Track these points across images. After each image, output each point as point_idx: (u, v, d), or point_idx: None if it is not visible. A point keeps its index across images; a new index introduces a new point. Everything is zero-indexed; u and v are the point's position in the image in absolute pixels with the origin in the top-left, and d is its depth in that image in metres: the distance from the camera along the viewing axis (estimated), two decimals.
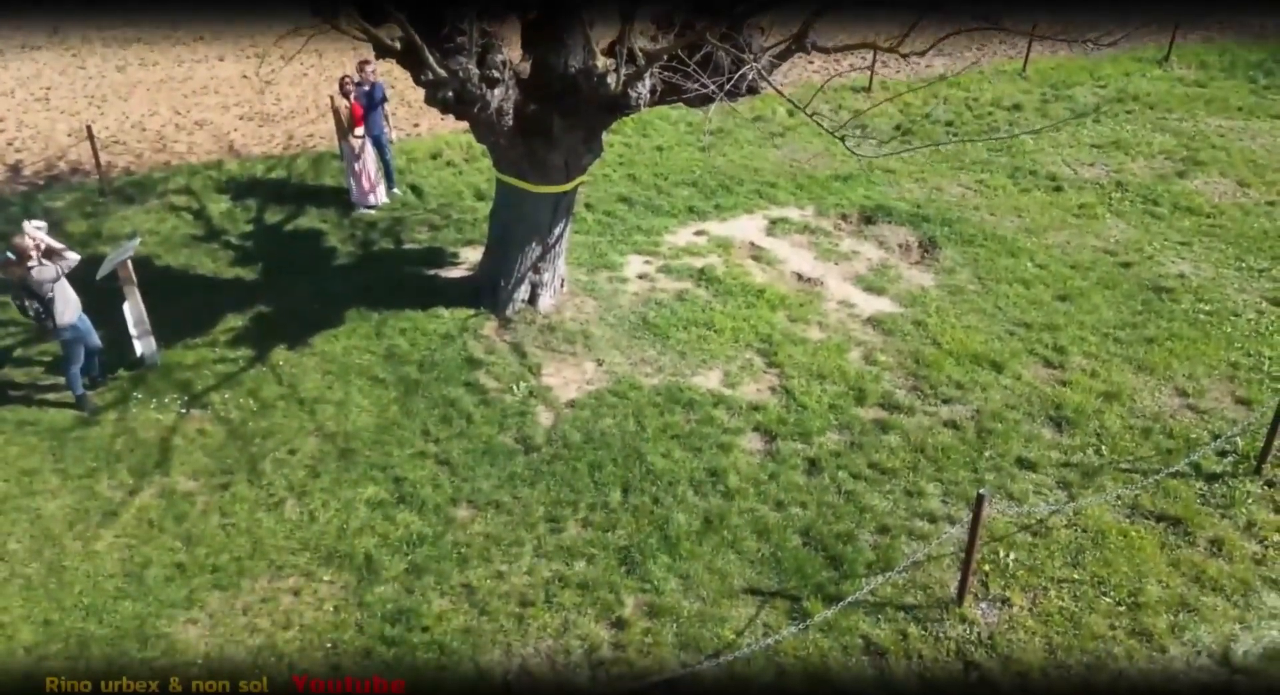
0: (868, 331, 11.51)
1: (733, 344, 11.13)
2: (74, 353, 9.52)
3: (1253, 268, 12.89)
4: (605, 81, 8.79)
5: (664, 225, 13.78)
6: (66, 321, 9.28)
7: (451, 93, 8.68)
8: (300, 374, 10.37)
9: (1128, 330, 11.51)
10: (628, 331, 11.26)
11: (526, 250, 10.92)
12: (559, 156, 10.13)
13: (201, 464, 9.21)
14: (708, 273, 12.48)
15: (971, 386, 10.53)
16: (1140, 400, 10.31)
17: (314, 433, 9.61)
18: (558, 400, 10.15)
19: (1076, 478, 9.24)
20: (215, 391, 10.09)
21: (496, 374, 10.46)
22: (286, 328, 11.04)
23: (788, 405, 10.19)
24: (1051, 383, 10.61)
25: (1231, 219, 14.23)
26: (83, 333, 9.53)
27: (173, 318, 10.90)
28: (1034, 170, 15.84)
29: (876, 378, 10.65)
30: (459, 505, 8.82)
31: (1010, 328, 11.58)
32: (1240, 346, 11.18)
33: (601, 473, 9.17)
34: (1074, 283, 12.50)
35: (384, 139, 13.67)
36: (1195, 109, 18.40)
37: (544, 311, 11.30)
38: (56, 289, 9.17)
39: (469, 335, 10.98)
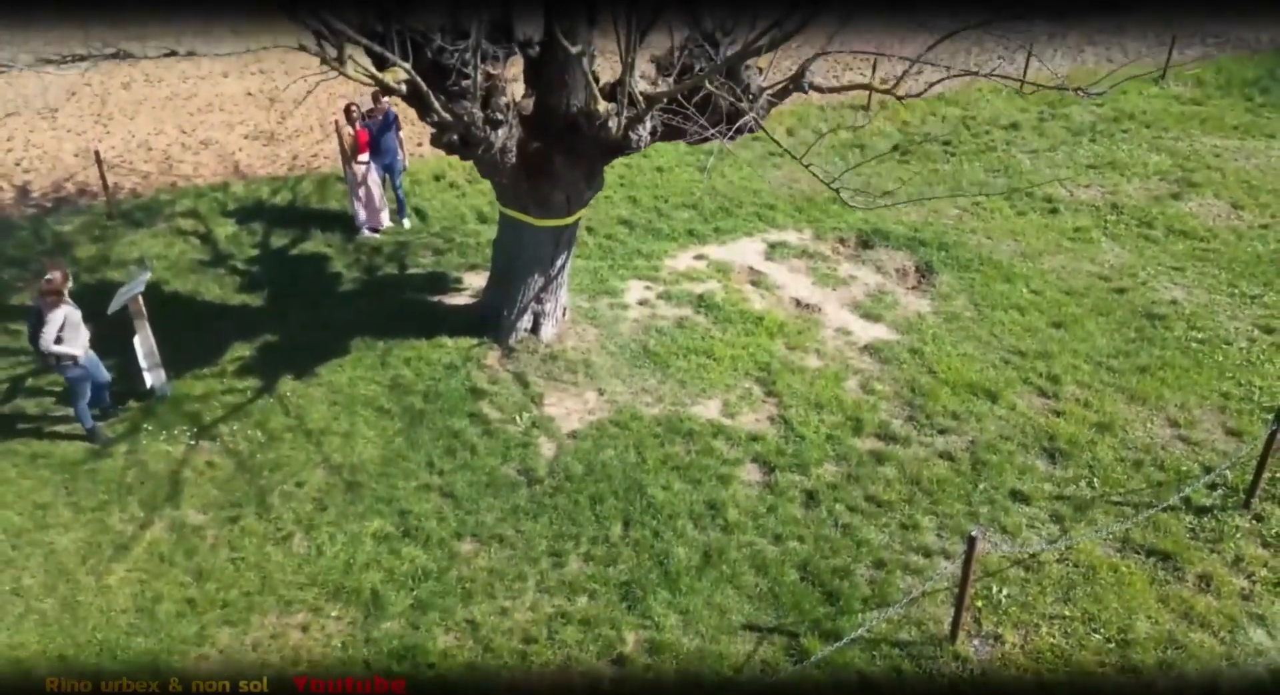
0: (865, 360, 11.69)
1: (732, 372, 11.31)
2: (80, 388, 9.69)
3: (1245, 294, 13.06)
4: (606, 125, 8.96)
5: (664, 249, 13.96)
6: (70, 352, 9.38)
7: (457, 136, 8.85)
8: (307, 405, 10.54)
9: (1120, 358, 11.69)
10: (629, 360, 11.44)
11: (529, 281, 11.09)
12: (561, 192, 10.31)
13: (211, 497, 9.40)
14: (707, 299, 12.66)
15: (967, 417, 10.70)
16: (1132, 431, 10.49)
17: (321, 465, 9.79)
18: (560, 431, 10.33)
19: (1069, 511, 9.43)
20: (224, 423, 10.27)
21: (500, 404, 10.64)
22: (293, 357, 11.22)
23: (786, 435, 10.37)
24: (1045, 413, 10.79)
25: (1225, 243, 14.40)
26: (89, 369, 9.68)
27: (181, 346, 11.07)
28: (1030, 192, 16.01)
29: (873, 407, 10.83)
30: (463, 539, 9.00)
31: (1005, 356, 11.75)
32: (1231, 376, 11.35)
33: (603, 506, 9.35)
34: (1068, 309, 12.67)
35: (397, 167, 13.82)
36: (1191, 127, 18.57)
37: (546, 341, 11.48)
38: (66, 325, 9.33)
39: (472, 365, 11.16)
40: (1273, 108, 19.55)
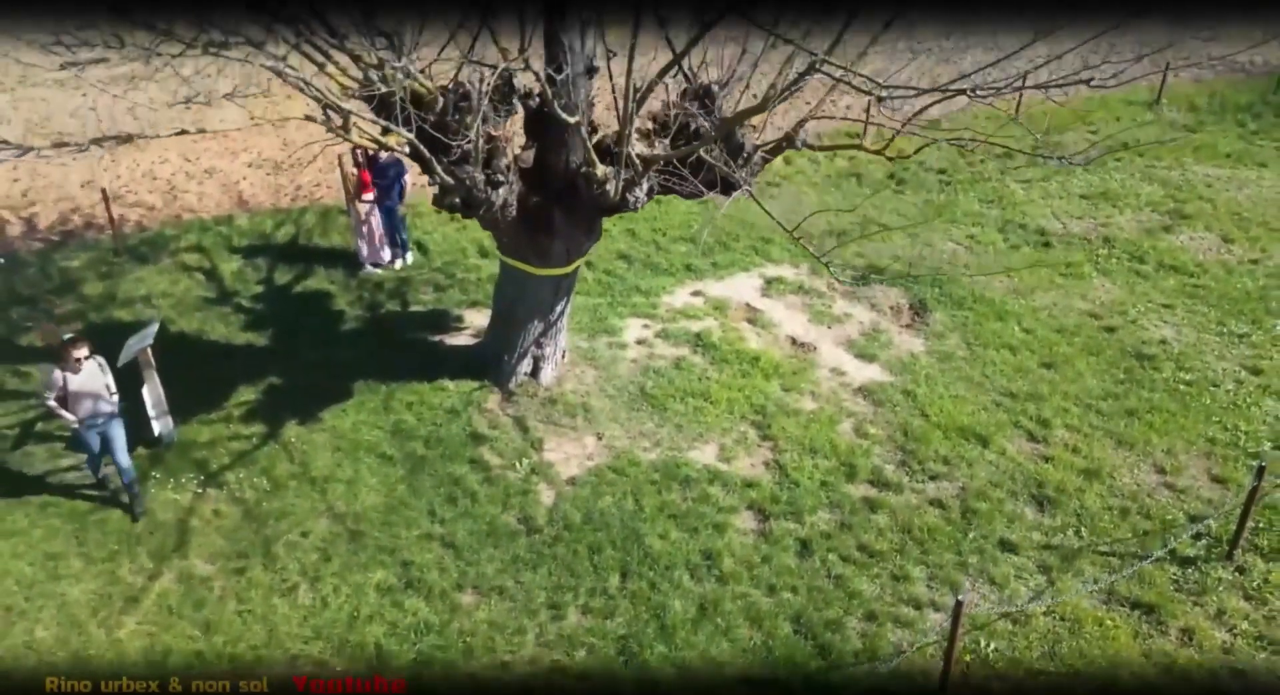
0: (858, 401, 11.91)
1: (728, 415, 11.52)
2: (88, 444, 9.73)
3: (1233, 332, 13.28)
4: (605, 188, 9.17)
5: (662, 285, 14.18)
6: (66, 418, 9.43)
7: (459, 199, 9.06)
8: (311, 451, 10.76)
9: (1109, 401, 11.91)
10: (627, 403, 11.65)
11: (529, 327, 11.31)
12: (560, 244, 10.53)
13: (218, 547, 9.62)
14: (704, 338, 12.87)
15: (958, 462, 10.93)
16: (1119, 478, 10.71)
17: (325, 513, 10.02)
18: (559, 477, 10.56)
19: (1056, 561, 9.65)
20: (230, 470, 10.48)
21: (500, 450, 10.86)
22: (297, 400, 11.43)
23: (780, 482, 10.59)
24: (1035, 458, 11.01)
25: (1215, 278, 14.62)
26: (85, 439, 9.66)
27: (188, 388, 11.26)
28: (1024, 224, 16.23)
29: (866, 452, 11.05)
30: (464, 590, 9.23)
31: (997, 398, 11.97)
32: (1218, 420, 11.57)
33: (601, 556, 9.58)
34: (1059, 349, 12.89)
35: (396, 212, 13.99)
36: (1183, 155, 18.77)
37: (546, 384, 11.69)
38: (70, 388, 9.36)
39: (473, 409, 11.38)
40: (1264, 135, 19.76)
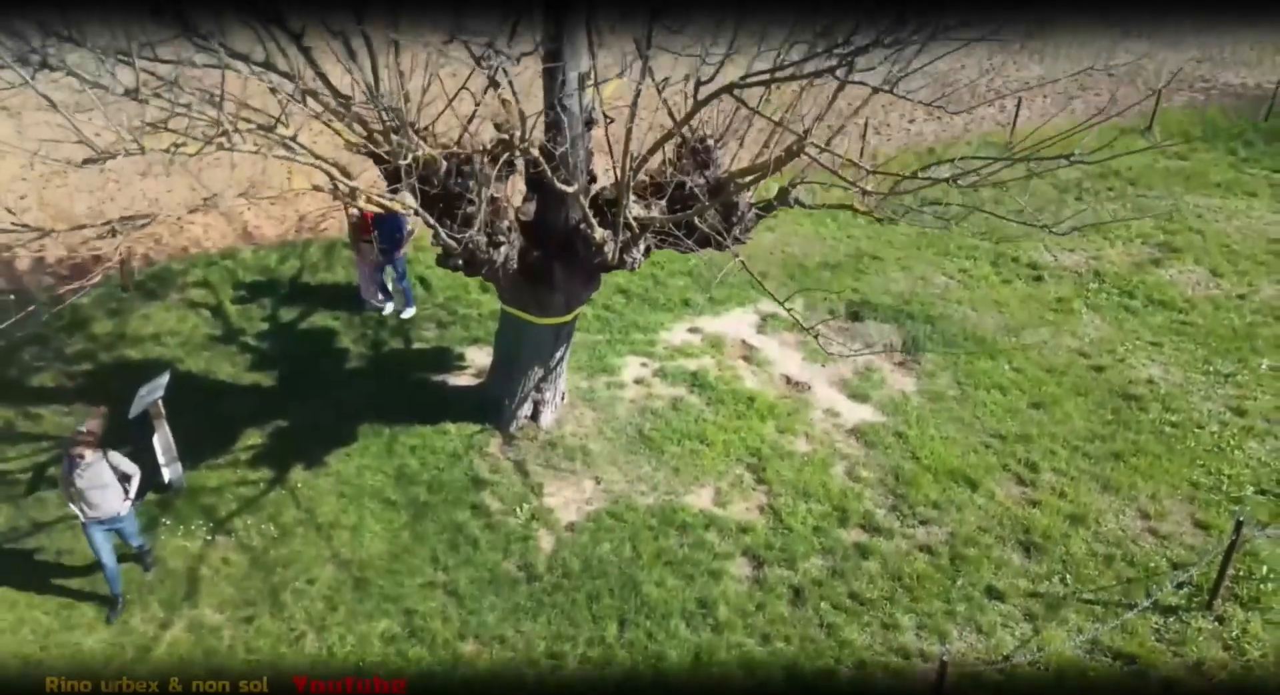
0: (851, 443, 12.19)
1: (724, 459, 11.80)
2: (94, 546, 9.49)
3: (1219, 371, 13.56)
4: (602, 250, 9.45)
5: (660, 321, 14.45)
6: (72, 510, 9.39)
7: (462, 261, 9.34)
8: (317, 496, 11.04)
9: (1096, 443, 12.18)
10: (625, 445, 11.93)
11: (530, 372, 11.58)
12: (560, 296, 10.81)
13: (227, 595, 9.90)
14: (701, 377, 13.15)
15: (947, 506, 11.21)
16: (1105, 523, 10.99)
17: (331, 560, 10.29)
18: (558, 523, 10.84)
19: (1041, 609, 9.93)
20: (238, 516, 10.76)
21: (501, 495, 11.14)
22: (303, 444, 11.70)
23: (775, 527, 10.87)
24: (1022, 503, 11.28)
25: (1203, 314, 14.89)
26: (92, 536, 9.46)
27: (196, 431, 11.52)
28: (1016, 256, 16.50)
29: (859, 496, 11.33)
30: (466, 639, 9.51)
31: (986, 439, 12.25)
32: (1202, 463, 11.85)
33: (599, 604, 9.86)
34: (1048, 388, 13.17)
35: (400, 265, 14.19)
36: (1175, 185, 19.05)
37: (546, 427, 11.97)
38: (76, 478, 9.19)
39: (475, 453, 11.66)
40: (1254, 162, 20.03)
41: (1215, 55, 26.09)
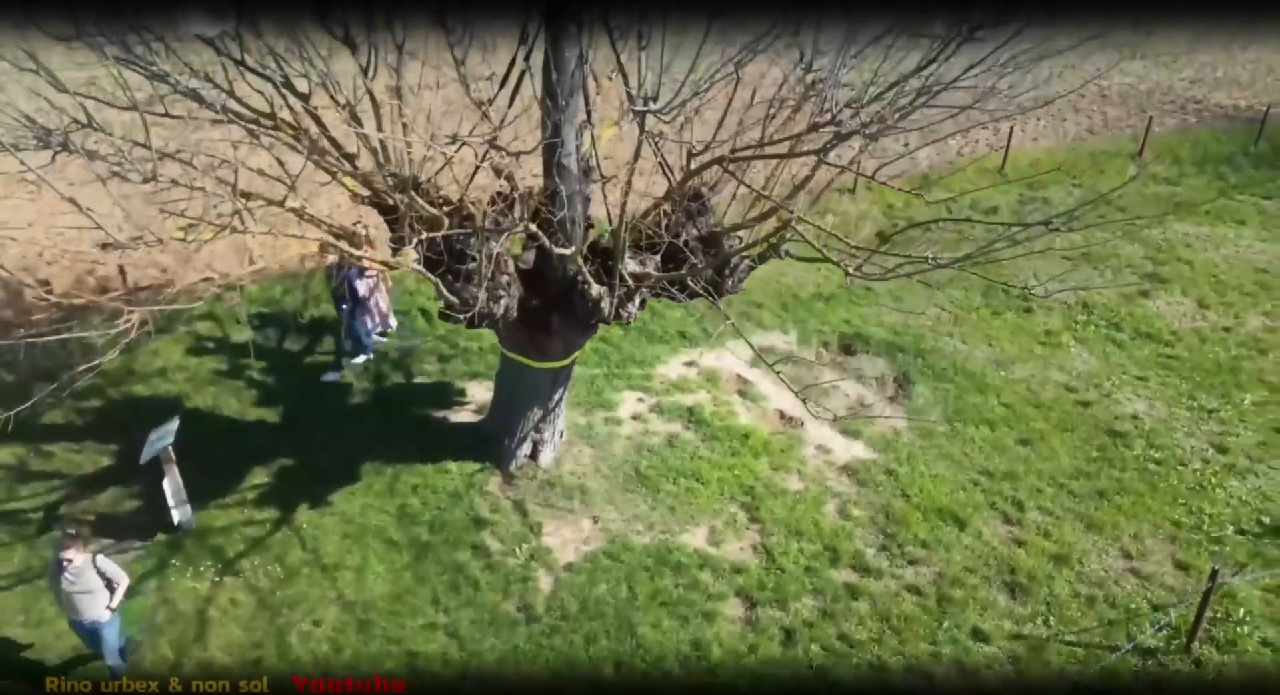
0: (843, 481, 12.50)
1: (718, 497, 12.11)
2: (83, 640, 9.58)
3: (1203, 407, 13.86)
4: (600, 306, 9.75)
5: (657, 355, 14.75)
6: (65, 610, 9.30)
7: (463, 316, 9.64)
8: (322, 536, 11.34)
9: (1081, 480, 12.49)
10: (621, 483, 12.24)
11: (529, 414, 11.88)
12: (558, 342, 11.10)
13: (234, 637, 10.20)
14: (697, 413, 13.46)
15: (935, 546, 11.51)
16: (1088, 563, 11.30)
17: (335, 601, 10.60)
18: (557, 563, 11.14)
19: (1025, 651, 10.24)
20: (245, 557, 11.07)
21: (500, 535, 11.45)
22: (308, 482, 12.01)
23: (767, 567, 11.18)
24: (1008, 542, 11.60)
25: (1188, 347, 15.20)
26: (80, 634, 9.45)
27: (204, 469, 11.79)
28: (1006, 289, 16.76)
29: (849, 535, 11.64)
30: (466, 681, 9.81)
31: (974, 476, 12.56)
32: (1184, 502, 12.16)
33: (596, 646, 10.17)
34: (1035, 424, 13.47)
35: (347, 318, 13.99)
36: (1164, 211, 19.32)
37: (544, 465, 12.27)
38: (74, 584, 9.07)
39: (475, 492, 11.96)
40: (1244, 188, 20.33)
41: (1208, 75, 26.35)
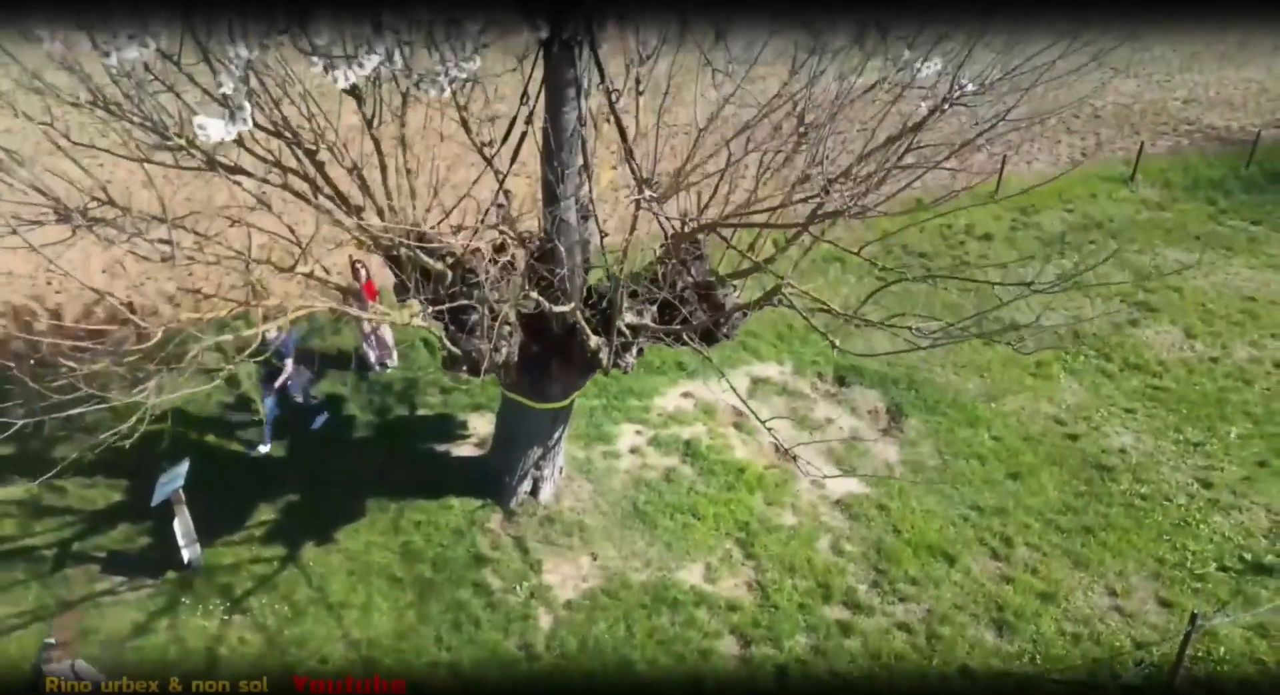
0: (836, 516, 12.80)
1: (714, 533, 12.41)
2: None
3: (1189, 440, 14.17)
4: (597, 356, 10.05)
5: (655, 386, 15.05)
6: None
7: (465, 367, 9.95)
8: (328, 573, 11.65)
9: (1069, 516, 12.80)
10: (620, 520, 12.55)
11: (529, 452, 12.19)
12: (557, 385, 11.41)
13: (244, 675, 10.51)
14: (693, 446, 13.76)
15: (926, 583, 11.82)
16: (1074, 600, 11.61)
17: (341, 639, 10.91)
18: (556, 601, 11.45)
19: (1012, 690, 10.57)
20: (253, 595, 11.37)
21: (502, 572, 11.75)
22: (313, 518, 12.31)
23: (762, 604, 11.50)
24: (997, 579, 11.90)
25: (1176, 378, 15.50)
26: None
27: (212, 506, 12.09)
28: (999, 316, 17.03)
29: (842, 571, 11.95)
30: None
31: (964, 512, 12.86)
32: (1168, 538, 12.47)
33: (595, 685, 10.48)
34: (1025, 458, 13.78)
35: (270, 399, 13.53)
36: (1155, 238, 19.63)
37: (544, 501, 12.58)
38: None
39: (477, 529, 12.27)
40: (1234, 213, 20.62)
41: (1201, 95, 26.63)
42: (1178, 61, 28.55)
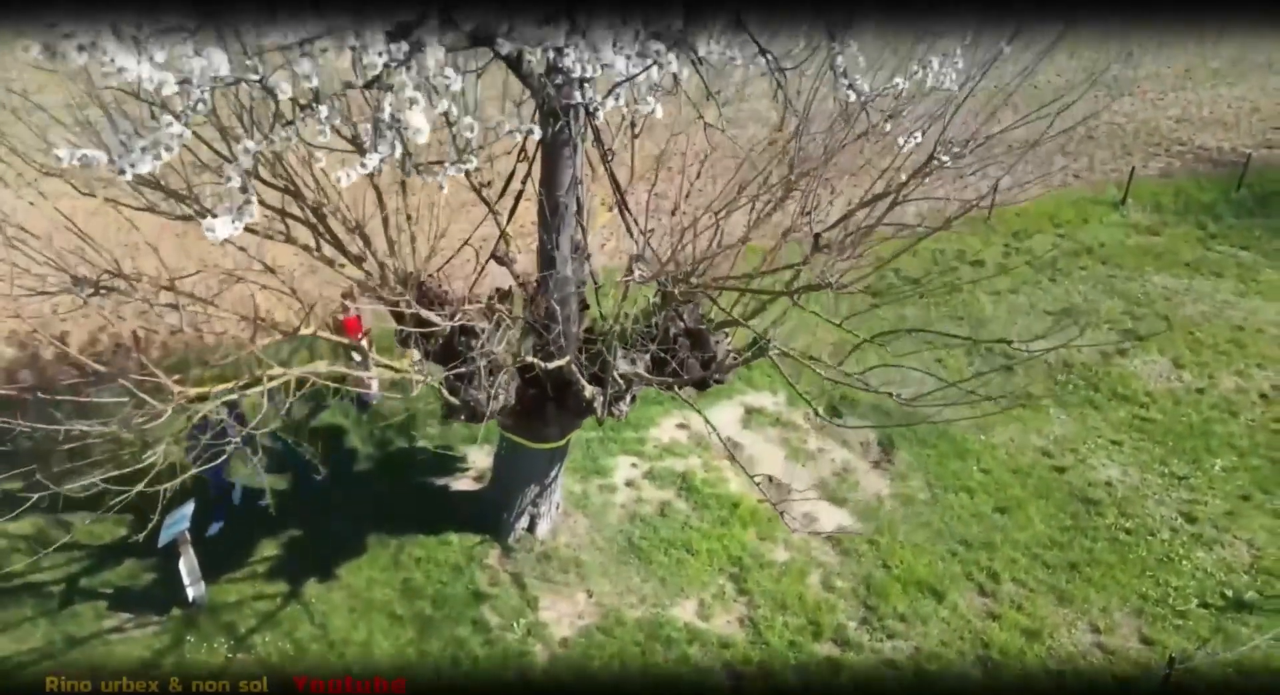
0: (827, 551, 13.09)
1: (708, 568, 12.69)
2: None
3: (1174, 474, 14.45)
4: (592, 405, 10.33)
5: (650, 417, 15.31)
6: None
7: (463, 416, 10.22)
8: (330, 610, 11.92)
9: (1055, 551, 13.08)
10: (615, 555, 12.83)
11: (526, 490, 12.47)
12: (554, 428, 11.68)
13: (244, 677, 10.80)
14: (688, 480, 14.04)
15: (914, 619, 12.11)
16: (1059, 638, 11.89)
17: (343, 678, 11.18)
18: (553, 638, 11.73)
19: None
20: (257, 633, 11.64)
21: (500, 609, 12.03)
22: (315, 554, 12.58)
23: (754, 640, 11.78)
24: (983, 615, 12.19)
25: (1162, 410, 15.77)
26: None
27: (217, 542, 12.40)
28: (990, 346, 17.32)
29: (832, 607, 12.23)
30: None
31: (953, 546, 13.14)
32: (1151, 574, 12.75)
33: None
34: (1013, 492, 14.06)
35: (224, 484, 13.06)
36: (1145, 264, 19.89)
37: (541, 537, 12.86)
38: None
39: (476, 565, 12.54)
40: (1223, 238, 20.88)
41: (1194, 114, 26.87)
42: (1171, 79, 28.77)
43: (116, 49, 4.52)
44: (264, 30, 4.99)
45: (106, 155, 5.43)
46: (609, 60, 5.98)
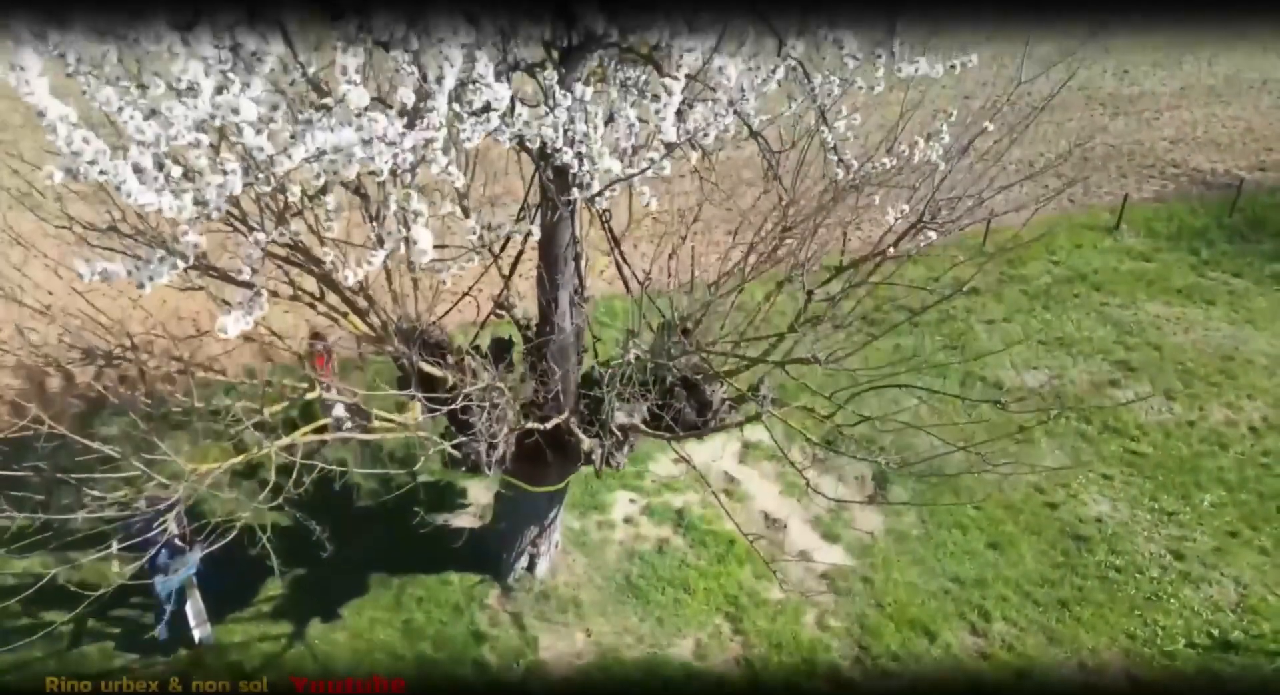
0: (821, 588, 13.31)
1: (705, 608, 12.92)
2: None
3: (1164, 510, 14.68)
4: (590, 456, 10.55)
5: (648, 451, 15.52)
6: None
7: (464, 467, 10.44)
8: (332, 651, 12.15)
9: (1045, 589, 13.31)
10: (614, 594, 13.05)
11: (526, 531, 12.69)
12: (554, 472, 11.90)
13: None
14: (686, 516, 14.26)
15: (906, 658, 12.34)
16: (1047, 679, 12.12)
17: None
18: (552, 677, 11.96)
19: None
20: (262, 673, 11.87)
21: (499, 649, 12.26)
22: (319, 594, 12.80)
23: (749, 681, 12.01)
24: (974, 654, 12.43)
25: (1153, 443, 16.00)
26: None
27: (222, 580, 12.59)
28: (983, 376, 17.56)
29: (827, 647, 12.47)
30: None
31: (945, 584, 13.38)
32: (1140, 613, 12.98)
33: None
34: (1005, 527, 14.29)
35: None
36: (1137, 291, 20.10)
37: (540, 576, 13.08)
38: None
39: (476, 605, 12.77)
40: (1215, 265, 21.09)
41: (1188, 134, 27.08)
42: (1166, 98, 28.98)
43: (135, 185, 4.73)
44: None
45: (125, 271, 5.64)
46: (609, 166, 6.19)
